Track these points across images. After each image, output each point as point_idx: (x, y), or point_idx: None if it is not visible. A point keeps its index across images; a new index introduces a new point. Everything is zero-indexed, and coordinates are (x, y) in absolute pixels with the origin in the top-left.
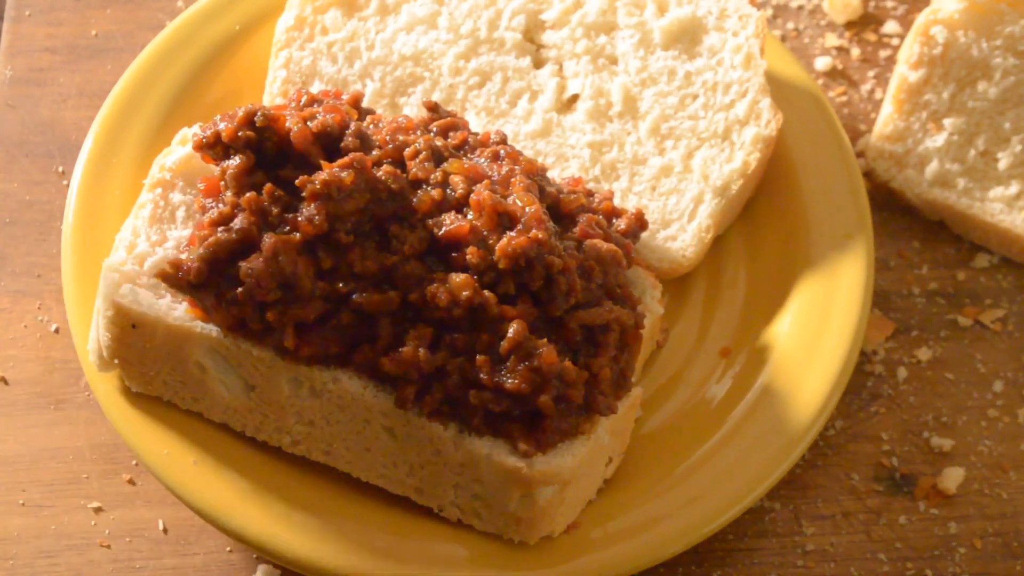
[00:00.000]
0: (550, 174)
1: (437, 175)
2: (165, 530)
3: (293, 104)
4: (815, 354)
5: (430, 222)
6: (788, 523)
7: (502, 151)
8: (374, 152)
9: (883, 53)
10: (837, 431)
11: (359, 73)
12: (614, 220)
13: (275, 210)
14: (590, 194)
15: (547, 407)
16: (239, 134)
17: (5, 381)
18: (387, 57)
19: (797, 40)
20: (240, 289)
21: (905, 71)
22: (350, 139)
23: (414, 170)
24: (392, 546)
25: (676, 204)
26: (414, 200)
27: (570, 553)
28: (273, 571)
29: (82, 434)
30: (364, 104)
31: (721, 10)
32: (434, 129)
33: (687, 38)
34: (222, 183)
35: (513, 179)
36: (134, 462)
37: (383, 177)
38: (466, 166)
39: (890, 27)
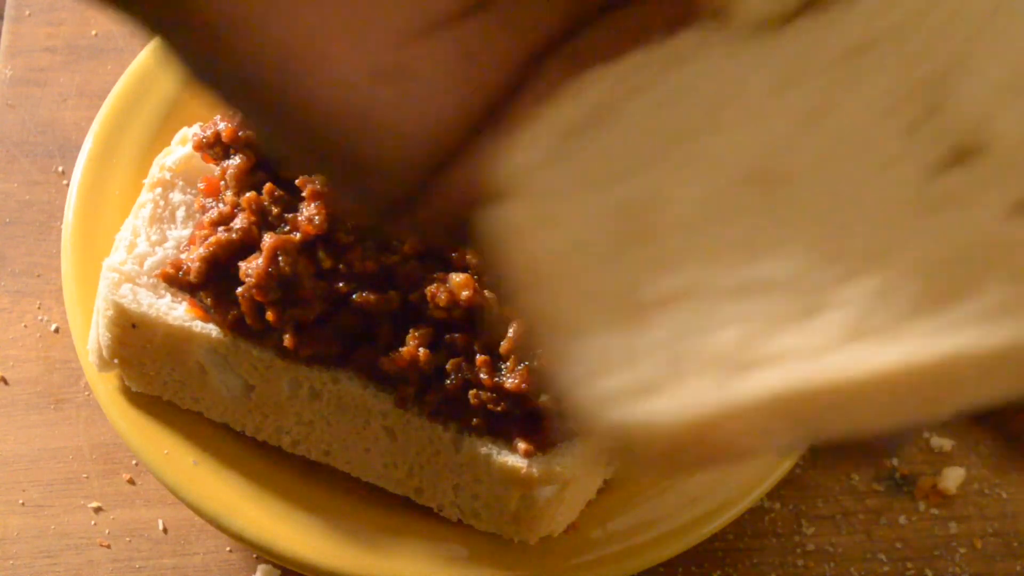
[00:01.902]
0: None
1: None
2: (165, 530)
3: None
4: None
5: None
6: (788, 523)
7: None
8: None
9: None
10: None
11: None
12: None
13: (275, 210)
14: None
15: (548, 407)
16: (239, 134)
17: (5, 381)
18: None
19: None
20: (240, 289)
21: None
22: None
23: None
24: (392, 546)
25: None
26: None
27: (570, 553)
28: (273, 571)
29: (82, 434)
30: None
31: None
32: None
33: None
34: (222, 183)
35: None
36: (134, 462)
37: None
38: None
39: None
